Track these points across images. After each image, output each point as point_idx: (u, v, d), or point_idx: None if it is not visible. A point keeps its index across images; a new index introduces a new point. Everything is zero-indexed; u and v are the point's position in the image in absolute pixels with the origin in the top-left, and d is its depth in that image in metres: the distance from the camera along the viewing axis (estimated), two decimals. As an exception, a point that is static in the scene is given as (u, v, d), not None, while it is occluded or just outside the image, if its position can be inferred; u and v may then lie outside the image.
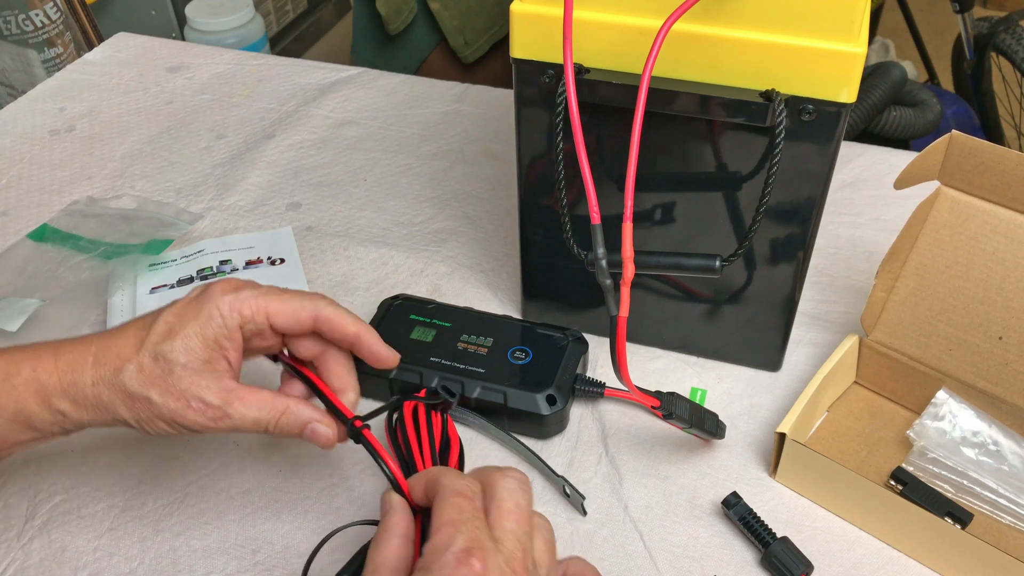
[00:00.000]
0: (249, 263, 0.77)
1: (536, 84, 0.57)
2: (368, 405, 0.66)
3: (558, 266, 0.67)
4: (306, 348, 0.56)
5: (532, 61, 0.57)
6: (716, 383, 0.67)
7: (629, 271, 0.50)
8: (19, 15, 1.41)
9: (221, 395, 0.51)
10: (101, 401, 0.51)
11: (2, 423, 0.51)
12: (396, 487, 0.48)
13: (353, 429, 0.52)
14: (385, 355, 0.56)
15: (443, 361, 0.64)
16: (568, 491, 0.59)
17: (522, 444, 0.62)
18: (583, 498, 0.59)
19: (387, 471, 0.48)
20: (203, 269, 0.76)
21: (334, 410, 0.54)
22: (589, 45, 0.54)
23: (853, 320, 0.70)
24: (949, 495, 0.59)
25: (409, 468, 0.52)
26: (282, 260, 0.77)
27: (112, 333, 0.53)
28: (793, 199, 0.58)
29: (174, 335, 0.51)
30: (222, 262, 0.77)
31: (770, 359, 0.68)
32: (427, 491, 0.45)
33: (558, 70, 0.56)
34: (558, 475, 0.60)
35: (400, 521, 0.45)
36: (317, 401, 0.55)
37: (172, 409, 0.50)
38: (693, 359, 0.69)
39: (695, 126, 0.57)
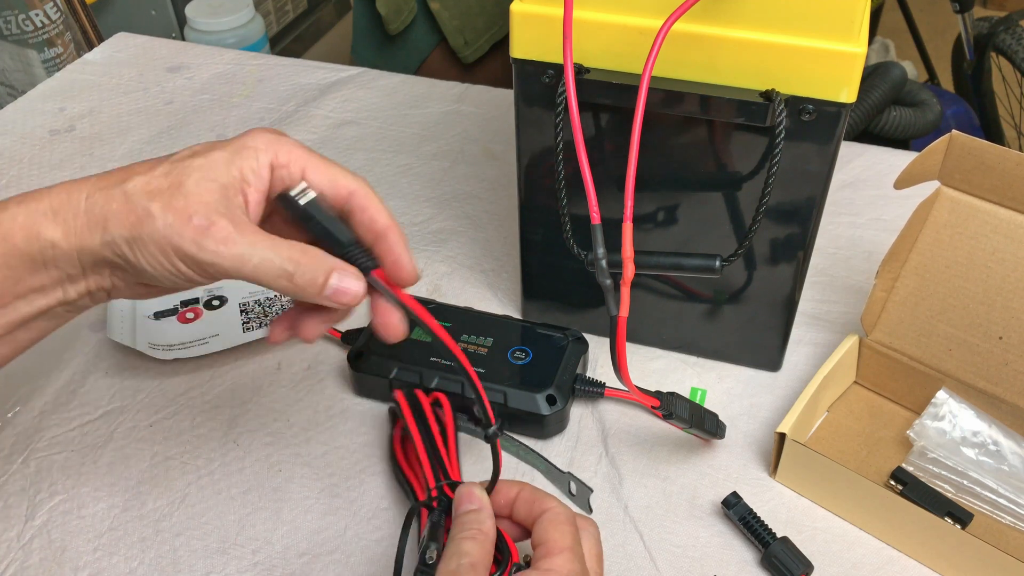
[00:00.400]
0: None
1: (536, 84, 0.57)
2: (367, 405, 0.66)
3: (558, 266, 0.67)
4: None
5: (532, 61, 0.57)
6: (716, 383, 0.67)
7: (629, 271, 0.50)
8: (19, 15, 1.41)
9: (229, 218, 0.43)
10: (93, 215, 0.44)
11: None
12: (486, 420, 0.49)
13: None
14: (408, 264, 0.48)
15: (443, 361, 0.64)
16: (574, 489, 0.59)
17: (524, 445, 0.62)
18: (590, 491, 0.59)
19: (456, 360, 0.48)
20: None
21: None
22: (589, 45, 0.54)
23: (853, 320, 0.70)
24: (949, 495, 0.59)
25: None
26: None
27: (123, 166, 0.46)
28: (793, 199, 0.58)
29: (196, 155, 0.45)
30: None
31: (770, 359, 0.68)
32: (528, 508, 0.48)
33: (558, 70, 0.56)
34: (564, 472, 0.60)
35: (493, 527, 0.47)
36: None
37: (168, 225, 0.43)
38: (693, 359, 0.69)
39: (695, 126, 0.57)
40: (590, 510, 0.59)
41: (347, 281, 0.45)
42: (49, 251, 0.44)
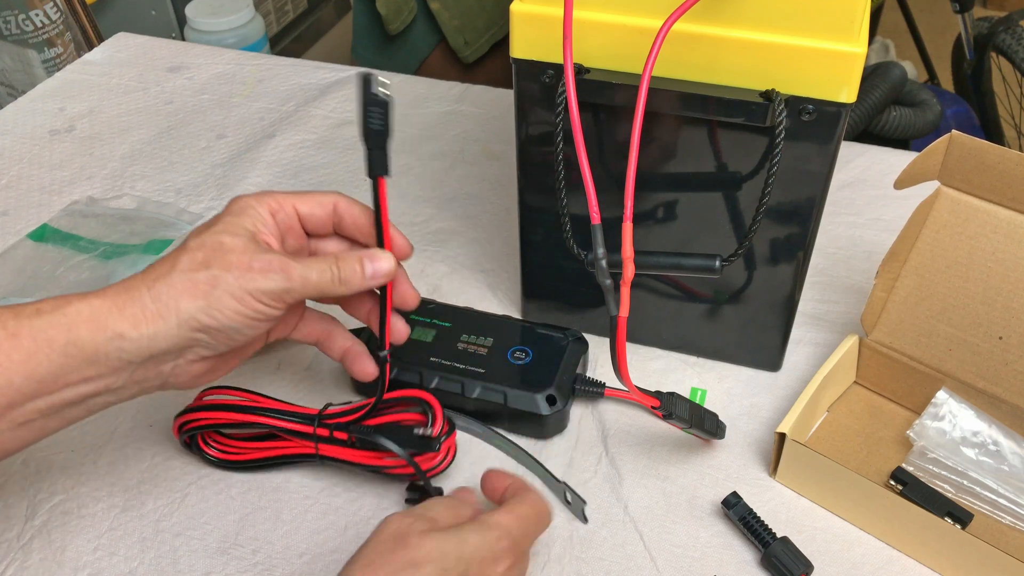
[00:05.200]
0: None
1: (536, 84, 0.57)
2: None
3: (558, 266, 0.67)
4: (329, 248, 0.58)
5: (532, 61, 0.57)
6: (716, 383, 0.67)
7: (629, 271, 0.50)
8: (19, 15, 1.41)
9: (278, 254, 0.51)
10: (161, 301, 0.48)
11: (55, 357, 0.47)
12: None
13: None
14: (400, 241, 0.57)
15: (443, 361, 0.64)
16: (569, 497, 0.59)
17: (523, 450, 0.62)
18: (584, 503, 0.59)
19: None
20: None
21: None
22: (589, 45, 0.55)
23: (853, 320, 0.70)
24: (949, 495, 0.59)
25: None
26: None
27: (143, 271, 0.51)
28: (793, 199, 0.58)
29: (212, 226, 0.51)
30: None
31: (770, 359, 0.68)
32: (509, 488, 0.53)
33: (558, 70, 0.56)
34: (559, 481, 0.60)
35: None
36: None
37: (237, 277, 0.49)
38: (693, 359, 0.69)
39: (695, 126, 0.57)
40: (585, 520, 0.58)
41: (378, 260, 0.54)
42: (115, 342, 0.48)
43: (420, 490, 0.58)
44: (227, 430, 0.60)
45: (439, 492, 0.57)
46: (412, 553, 0.45)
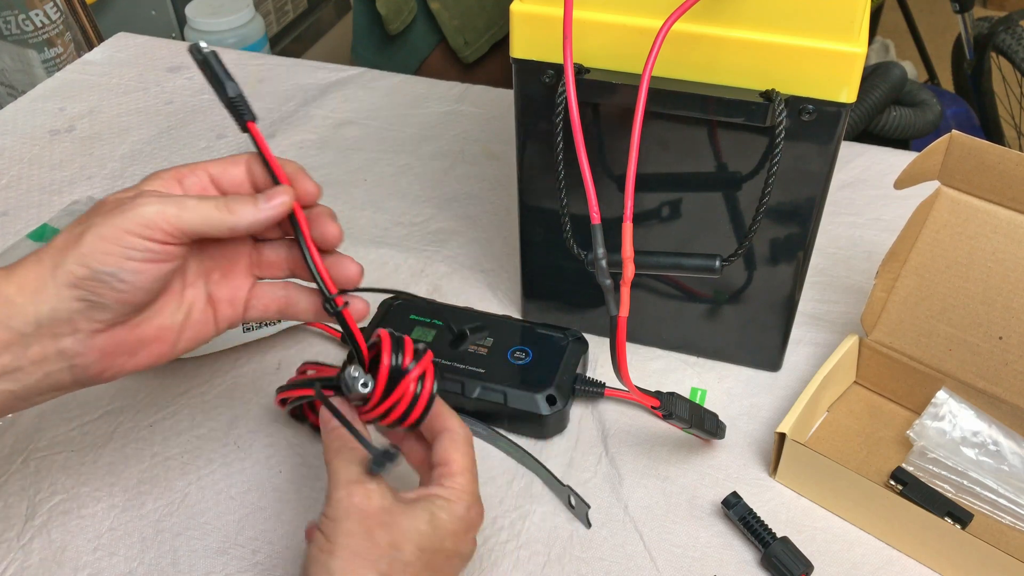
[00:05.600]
0: None
1: (536, 84, 0.57)
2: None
3: (558, 266, 0.67)
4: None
5: (532, 61, 0.57)
6: (716, 383, 0.67)
7: (629, 271, 0.50)
8: (19, 15, 1.41)
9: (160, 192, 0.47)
10: (43, 263, 0.45)
11: None
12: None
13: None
14: (306, 183, 0.51)
15: (443, 361, 0.64)
16: (573, 502, 0.59)
17: (524, 451, 0.62)
18: (588, 507, 0.59)
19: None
20: None
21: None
22: (589, 45, 0.54)
23: (853, 320, 0.70)
24: (949, 495, 0.59)
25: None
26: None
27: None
28: (793, 199, 0.58)
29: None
30: None
31: (770, 359, 0.68)
32: (430, 420, 0.50)
33: (558, 70, 0.56)
34: (563, 484, 0.59)
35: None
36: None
37: (107, 216, 0.45)
38: (693, 359, 0.69)
39: (695, 126, 0.57)
40: (588, 524, 0.58)
41: (273, 193, 0.48)
42: (3, 309, 0.45)
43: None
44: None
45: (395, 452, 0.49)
46: (391, 533, 0.45)
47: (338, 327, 0.53)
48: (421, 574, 0.45)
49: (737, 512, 0.57)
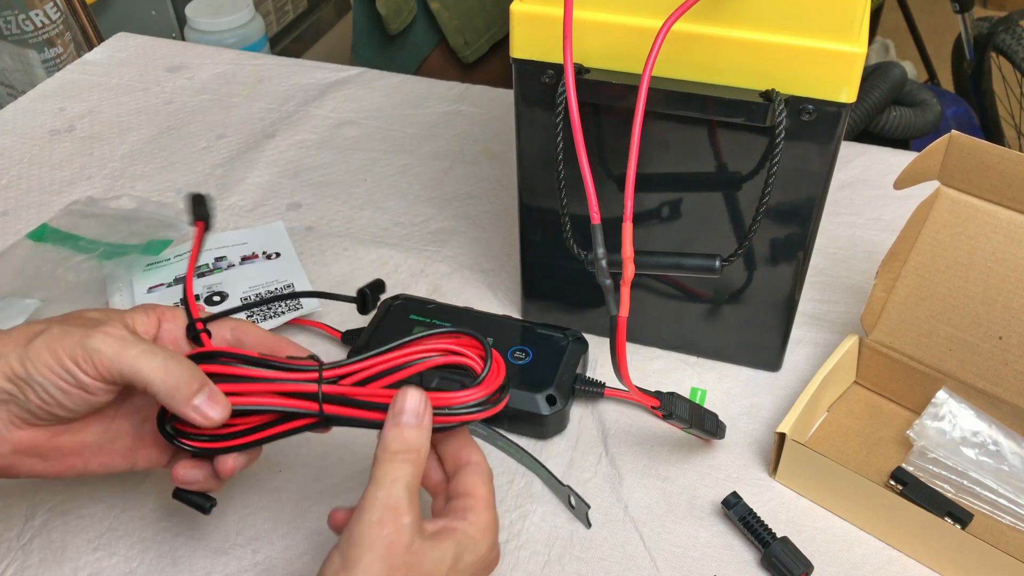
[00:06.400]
0: (245, 259, 0.77)
1: (536, 84, 0.57)
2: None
3: (558, 266, 0.67)
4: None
5: (532, 61, 0.57)
6: (716, 383, 0.67)
7: (629, 271, 0.50)
8: (19, 15, 1.41)
9: (121, 324, 0.47)
10: None
11: None
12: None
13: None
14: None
15: (443, 361, 0.64)
16: (574, 502, 0.59)
17: (525, 451, 0.62)
18: (588, 507, 0.59)
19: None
20: (199, 266, 0.76)
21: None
22: (589, 45, 0.54)
23: (853, 320, 0.70)
24: (949, 495, 0.59)
25: None
26: (277, 254, 0.77)
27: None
28: (793, 199, 0.58)
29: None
30: (217, 259, 0.77)
31: (770, 359, 0.68)
32: (456, 448, 0.49)
33: (558, 70, 0.56)
34: (563, 484, 0.59)
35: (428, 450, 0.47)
36: None
37: (63, 331, 0.45)
38: (693, 359, 0.69)
39: (695, 126, 0.57)
40: (588, 524, 0.58)
41: (215, 404, 0.47)
42: None
43: None
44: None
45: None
46: (412, 572, 0.43)
47: (337, 327, 0.52)
48: None
49: (737, 512, 0.57)
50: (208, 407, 0.47)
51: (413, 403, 0.46)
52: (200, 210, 0.63)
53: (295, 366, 0.48)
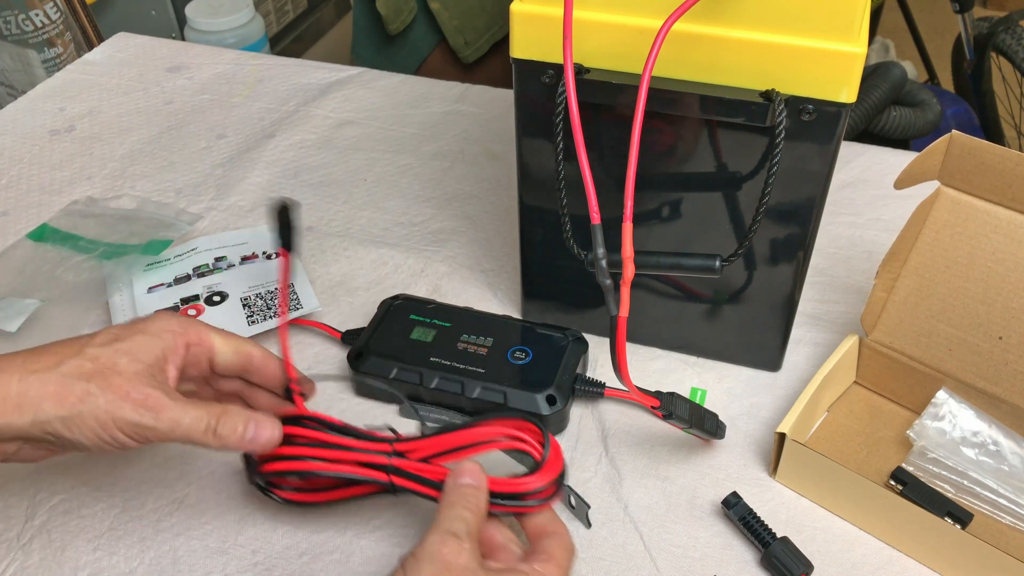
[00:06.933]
0: (245, 259, 0.77)
1: (536, 84, 0.57)
2: (367, 405, 0.66)
3: (558, 266, 0.67)
4: (229, 386, 0.58)
5: (532, 61, 0.57)
6: (716, 383, 0.67)
7: (629, 271, 0.50)
8: (19, 15, 1.41)
9: (162, 391, 0.49)
10: (26, 396, 0.47)
11: None
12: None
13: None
14: (308, 385, 0.59)
15: (443, 361, 0.64)
16: (574, 502, 0.59)
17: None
18: (588, 507, 0.59)
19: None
20: (199, 266, 0.76)
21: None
22: (589, 45, 0.54)
23: (853, 320, 0.70)
24: (949, 495, 0.59)
25: None
26: (278, 254, 0.77)
27: (44, 345, 0.51)
28: (793, 199, 0.58)
29: (120, 339, 0.51)
30: (217, 259, 0.77)
31: (770, 359, 0.68)
32: (540, 522, 0.51)
33: (558, 70, 0.56)
34: (564, 484, 0.59)
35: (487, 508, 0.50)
36: None
37: (109, 401, 0.48)
38: (693, 359, 0.69)
39: (695, 126, 0.57)
40: (588, 525, 0.58)
41: (263, 427, 0.51)
42: None
43: None
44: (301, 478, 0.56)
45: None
46: None
47: (337, 327, 0.54)
48: None
49: (737, 512, 0.57)
50: (259, 429, 0.51)
51: (470, 468, 0.50)
52: (285, 232, 0.64)
53: (370, 436, 0.54)
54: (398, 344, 0.66)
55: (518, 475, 0.51)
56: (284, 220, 0.64)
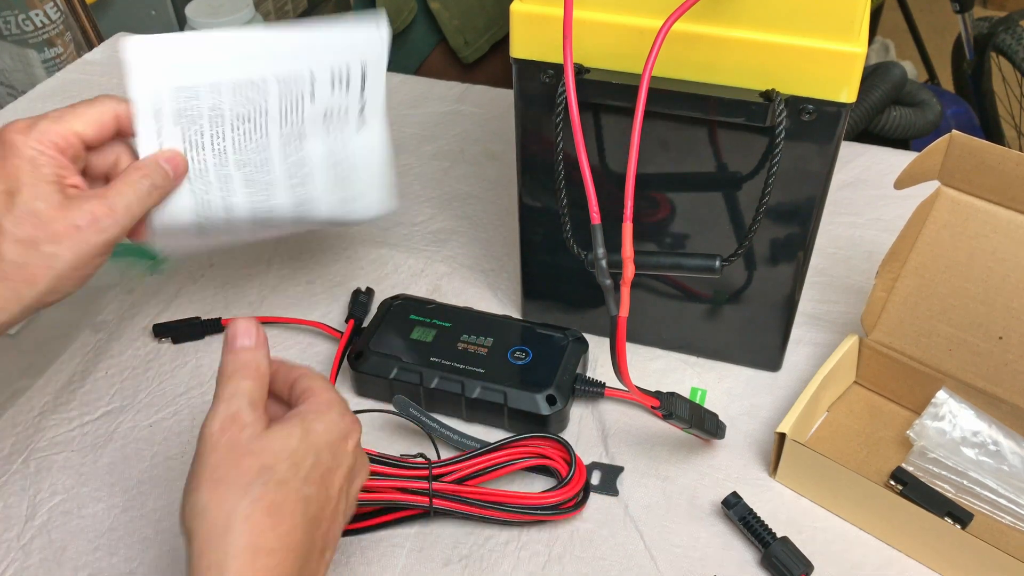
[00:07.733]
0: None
1: (536, 84, 0.57)
2: (367, 405, 0.66)
3: (558, 266, 0.67)
4: (110, 156, 0.57)
5: (532, 61, 0.57)
6: (716, 383, 0.67)
7: (629, 271, 0.50)
8: (19, 15, 1.41)
9: (92, 197, 0.51)
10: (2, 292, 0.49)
11: None
12: None
13: None
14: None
15: (443, 361, 0.64)
16: (597, 480, 0.60)
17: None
18: (621, 469, 0.60)
19: None
20: None
21: None
22: (589, 45, 0.54)
23: (853, 320, 0.70)
24: (949, 495, 0.59)
25: None
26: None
27: None
28: (793, 199, 0.58)
29: (10, 179, 0.50)
30: None
31: (770, 359, 0.68)
32: (284, 377, 0.48)
33: (558, 70, 0.56)
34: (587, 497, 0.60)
35: (269, 366, 0.48)
36: None
37: (70, 247, 0.50)
38: (693, 359, 0.69)
39: (695, 126, 0.57)
40: (616, 493, 0.60)
41: (167, 152, 0.56)
42: None
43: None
44: None
45: None
46: (260, 458, 0.43)
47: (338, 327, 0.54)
48: (302, 489, 0.43)
49: (737, 512, 0.57)
50: (168, 155, 0.56)
51: (243, 327, 0.47)
52: (358, 309, 0.71)
53: (406, 463, 0.57)
54: (398, 344, 0.66)
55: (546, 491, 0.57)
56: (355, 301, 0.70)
